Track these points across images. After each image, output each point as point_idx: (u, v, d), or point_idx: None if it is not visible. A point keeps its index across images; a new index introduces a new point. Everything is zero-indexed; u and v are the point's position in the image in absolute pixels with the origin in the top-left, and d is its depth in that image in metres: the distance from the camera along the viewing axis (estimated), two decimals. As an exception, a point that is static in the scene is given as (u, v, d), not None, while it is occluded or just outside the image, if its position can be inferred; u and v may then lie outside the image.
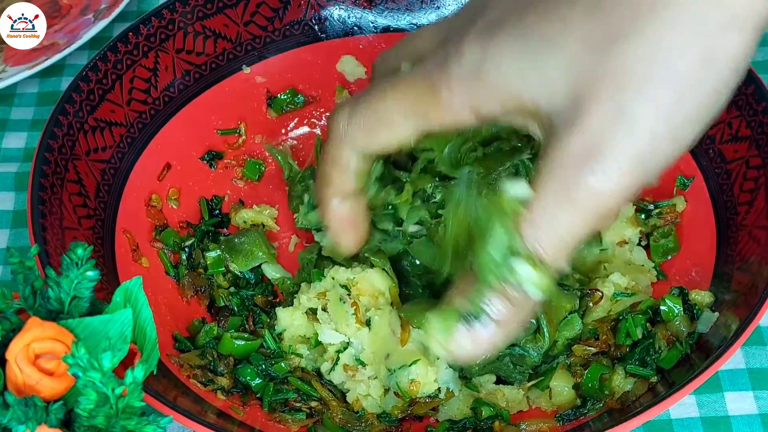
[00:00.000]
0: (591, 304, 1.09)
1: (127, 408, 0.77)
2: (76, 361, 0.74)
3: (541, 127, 0.79)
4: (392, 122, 0.89)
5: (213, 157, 1.25)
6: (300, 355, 1.09)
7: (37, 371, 0.76)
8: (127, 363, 0.79)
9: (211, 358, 1.06)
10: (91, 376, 0.75)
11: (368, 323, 1.04)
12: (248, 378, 1.06)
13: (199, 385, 1.03)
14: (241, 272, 1.17)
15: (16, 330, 0.78)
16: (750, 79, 1.10)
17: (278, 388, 1.05)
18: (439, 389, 1.03)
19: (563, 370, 1.04)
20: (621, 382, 1.01)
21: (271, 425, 1.01)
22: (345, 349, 1.05)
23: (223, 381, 1.04)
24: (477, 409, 1.04)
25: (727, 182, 1.11)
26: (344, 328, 1.05)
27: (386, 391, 1.04)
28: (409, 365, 1.02)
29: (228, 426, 0.95)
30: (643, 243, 1.16)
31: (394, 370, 1.03)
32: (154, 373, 0.84)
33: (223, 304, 1.15)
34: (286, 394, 1.05)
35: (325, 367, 1.07)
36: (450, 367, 1.03)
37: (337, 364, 1.05)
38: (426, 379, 1.02)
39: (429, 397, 1.03)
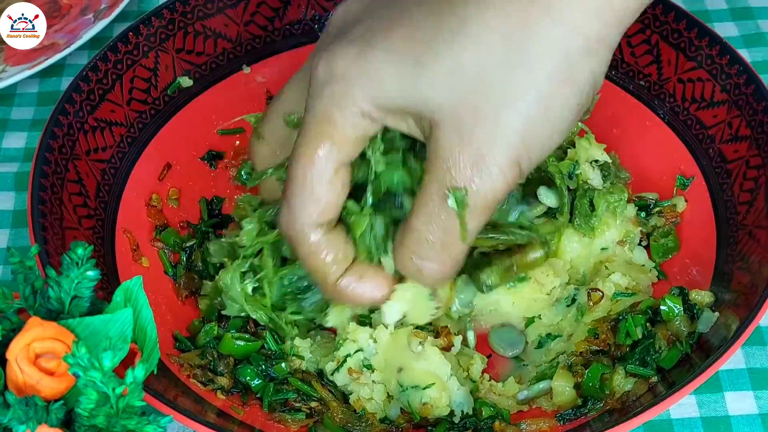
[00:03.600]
0: (591, 304, 1.09)
1: (127, 407, 0.77)
2: (77, 360, 0.74)
3: (423, 129, 0.88)
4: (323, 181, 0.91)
5: (213, 157, 1.25)
6: (302, 357, 1.09)
7: (38, 371, 0.76)
8: (127, 362, 0.79)
9: (211, 358, 1.06)
10: (91, 376, 0.75)
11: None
12: (248, 378, 1.06)
13: (199, 384, 1.03)
14: None
15: (16, 330, 0.78)
16: (750, 79, 1.11)
17: (278, 388, 1.05)
18: (452, 411, 1.04)
19: (564, 370, 1.04)
20: (621, 381, 1.01)
21: (271, 425, 1.01)
22: (355, 352, 1.05)
23: (223, 381, 1.04)
24: (477, 409, 1.04)
25: (727, 182, 1.11)
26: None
27: (390, 397, 1.05)
28: (423, 388, 1.02)
29: (228, 425, 0.95)
30: (644, 243, 1.16)
31: (406, 388, 1.03)
32: (155, 372, 0.83)
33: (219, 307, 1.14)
34: (286, 394, 1.05)
35: (329, 368, 1.07)
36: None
37: (342, 366, 1.05)
38: (439, 402, 1.02)
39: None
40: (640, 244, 1.16)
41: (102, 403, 0.76)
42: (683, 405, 1.06)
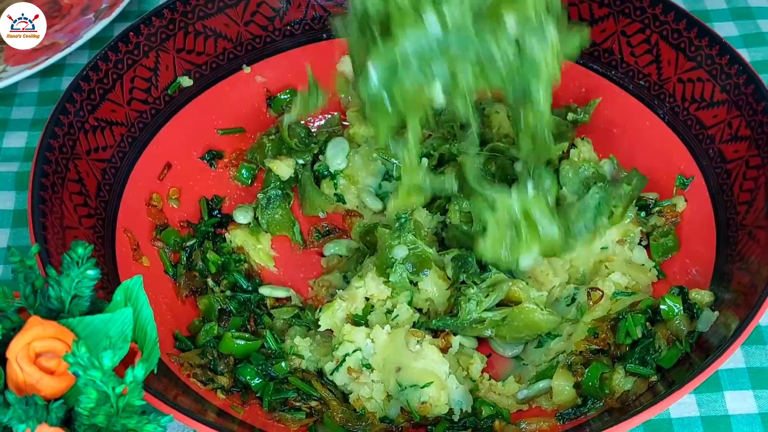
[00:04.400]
0: (591, 303, 1.09)
1: (127, 407, 0.77)
2: (77, 359, 0.74)
3: None
4: None
5: (213, 156, 1.26)
6: (301, 356, 1.09)
7: (38, 370, 0.76)
8: (127, 362, 0.79)
9: (211, 358, 1.06)
10: (91, 375, 0.75)
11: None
12: (248, 377, 1.06)
13: (199, 384, 1.03)
14: (236, 280, 1.18)
15: (16, 329, 0.78)
16: (750, 79, 1.11)
17: (278, 387, 1.05)
18: (451, 410, 1.04)
19: (564, 369, 1.04)
20: (621, 381, 1.01)
21: (271, 424, 1.01)
22: (353, 352, 1.05)
23: (223, 380, 1.04)
24: (477, 408, 1.04)
25: (726, 182, 1.11)
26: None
27: (389, 396, 1.05)
28: (422, 387, 1.02)
29: (228, 425, 0.95)
30: (644, 242, 1.16)
31: (405, 387, 1.03)
32: (155, 371, 0.84)
33: (219, 306, 1.14)
34: (286, 394, 1.05)
35: (328, 367, 1.07)
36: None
37: (341, 365, 1.05)
38: (438, 401, 1.02)
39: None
40: (639, 244, 1.16)
41: (102, 402, 0.76)
42: (683, 404, 1.06)
